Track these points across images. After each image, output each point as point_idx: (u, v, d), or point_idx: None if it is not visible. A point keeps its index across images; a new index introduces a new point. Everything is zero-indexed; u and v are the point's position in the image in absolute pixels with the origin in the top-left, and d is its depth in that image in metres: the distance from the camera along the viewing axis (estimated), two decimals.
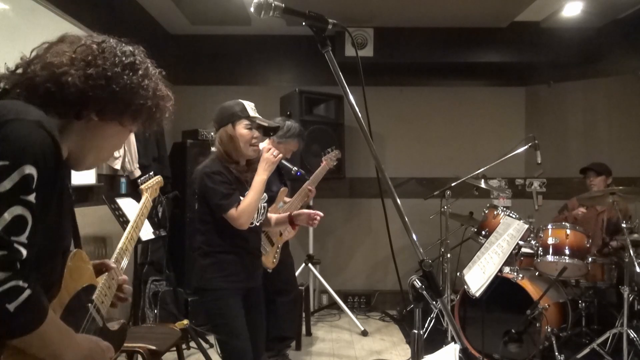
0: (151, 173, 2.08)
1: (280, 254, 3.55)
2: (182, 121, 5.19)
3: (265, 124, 2.46)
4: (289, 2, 1.34)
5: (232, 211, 2.32)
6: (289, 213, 2.73)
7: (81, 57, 1.13)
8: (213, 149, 2.56)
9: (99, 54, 1.15)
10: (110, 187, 4.03)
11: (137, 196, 3.91)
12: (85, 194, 3.64)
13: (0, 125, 0.99)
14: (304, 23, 1.37)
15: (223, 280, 2.36)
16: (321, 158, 4.03)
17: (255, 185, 2.42)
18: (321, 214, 2.70)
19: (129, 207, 3.56)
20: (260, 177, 2.44)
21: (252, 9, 1.34)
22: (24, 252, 0.97)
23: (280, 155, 2.55)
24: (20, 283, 0.96)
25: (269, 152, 2.49)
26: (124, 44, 1.22)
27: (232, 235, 2.38)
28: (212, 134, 2.54)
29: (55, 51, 1.14)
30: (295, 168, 2.92)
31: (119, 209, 3.43)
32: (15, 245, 0.96)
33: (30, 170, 0.97)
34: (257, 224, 2.49)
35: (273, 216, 2.77)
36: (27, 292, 0.97)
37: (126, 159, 3.89)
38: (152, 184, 1.99)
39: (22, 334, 1.00)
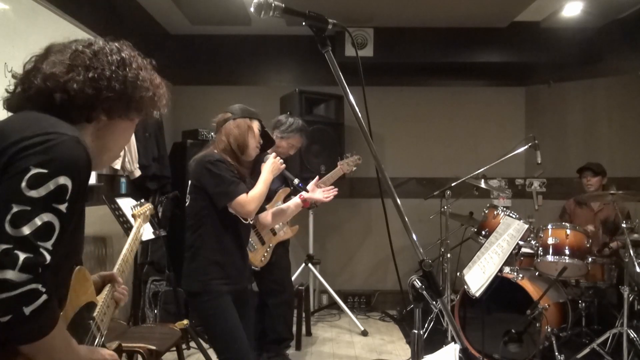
0: (142, 200, 2.08)
1: (274, 255, 3.52)
2: (182, 121, 5.19)
3: (271, 136, 2.59)
4: (289, 2, 1.34)
5: (243, 196, 2.30)
6: (299, 195, 2.72)
7: (78, 63, 1.17)
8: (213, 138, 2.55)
9: (92, 57, 1.19)
10: (110, 187, 4.03)
11: (136, 196, 3.92)
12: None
13: (44, 137, 1.04)
14: (304, 23, 1.37)
15: (220, 283, 2.32)
16: (337, 162, 3.97)
17: (263, 179, 2.46)
18: (336, 190, 2.76)
19: (129, 207, 3.56)
20: (268, 175, 2.49)
21: (252, 9, 1.34)
22: (48, 257, 0.99)
23: (284, 165, 2.62)
24: (40, 287, 0.98)
25: (276, 159, 2.58)
26: (109, 41, 1.26)
27: (227, 233, 2.35)
28: (214, 121, 2.53)
29: (50, 62, 1.17)
30: (297, 180, 2.93)
31: (119, 209, 3.43)
32: (41, 249, 0.98)
33: (65, 181, 1.02)
34: (251, 221, 2.49)
35: (285, 206, 2.74)
36: (44, 297, 0.98)
37: (126, 159, 3.89)
38: (144, 210, 1.99)
39: (33, 339, 1.01)
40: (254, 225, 3.36)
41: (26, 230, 0.97)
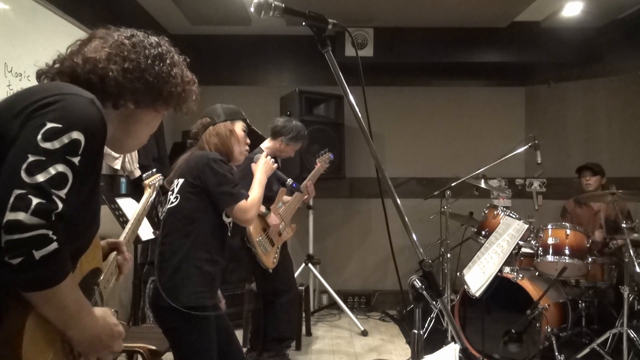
0: (154, 170, 2.04)
1: (280, 255, 3.55)
2: (182, 121, 5.19)
3: (259, 132, 2.48)
4: (289, 2, 1.34)
5: (244, 202, 2.18)
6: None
7: (116, 51, 1.24)
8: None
9: (131, 49, 1.26)
10: (110, 187, 4.03)
11: (137, 196, 3.91)
12: None
13: (60, 96, 1.10)
14: (304, 23, 1.37)
15: (208, 297, 2.13)
16: (316, 160, 4.05)
17: (259, 181, 2.37)
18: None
19: (129, 207, 3.56)
20: (262, 176, 2.41)
21: (252, 9, 1.34)
22: (60, 205, 1.02)
23: (276, 165, 2.55)
24: (51, 233, 1.00)
25: (267, 158, 2.50)
26: (149, 35, 1.33)
27: (216, 241, 2.19)
28: (193, 128, 2.39)
29: (92, 48, 1.25)
30: (290, 180, 2.95)
31: (119, 209, 3.43)
32: (54, 197, 1.02)
33: (79, 136, 1.07)
34: (230, 234, 2.31)
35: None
36: (55, 245, 1.00)
37: (126, 159, 3.89)
38: (155, 180, 1.98)
39: (42, 286, 1.02)
40: (265, 229, 3.39)
41: (40, 177, 1.01)
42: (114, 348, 1.22)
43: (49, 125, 1.05)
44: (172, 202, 2.20)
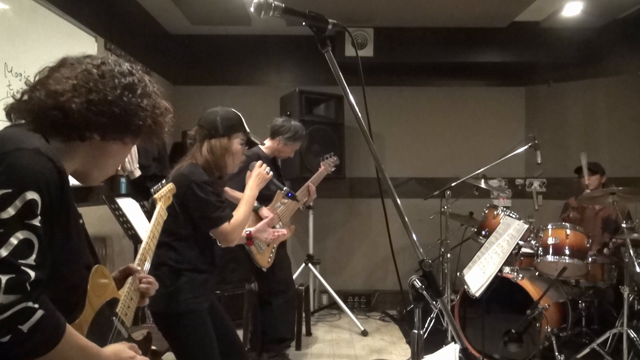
0: (163, 181, 2.00)
1: (277, 255, 3.54)
2: (182, 121, 5.16)
3: (257, 142, 2.42)
4: (289, 2, 1.34)
5: (225, 225, 2.17)
6: (248, 232, 2.51)
7: (82, 83, 1.17)
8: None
9: (98, 79, 1.19)
10: (110, 187, 4.03)
11: (136, 196, 3.92)
12: (85, 194, 3.64)
13: (2, 156, 1.03)
14: (304, 23, 1.37)
15: (198, 301, 2.18)
16: (319, 162, 4.04)
17: (247, 199, 2.31)
18: (284, 232, 2.69)
19: (129, 207, 3.56)
20: (252, 192, 2.35)
21: (252, 9, 1.34)
22: (32, 274, 0.99)
23: (272, 173, 2.50)
24: (30, 304, 0.97)
25: (261, 168, 2.42)
26: (121, 63, 1.26)
27: (205, 252, 2.23)
28: (191, 133, 2.34)
29: (58, 77, 1.18)
30: (286, 189, 2.95)
31: (118, 209, 3.43)
32: (23, 267, 0.98)
33: (32, 195, 1.01)
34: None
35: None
36: (40, 313, 0.98)
37: (126, 159, 3.89)
38: (165, 192, 1.90)
39: (39, 354, 1.01)
40: None
41: (3, 252, 0.96)
42: None
43: None
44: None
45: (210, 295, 2.30)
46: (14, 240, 0.98)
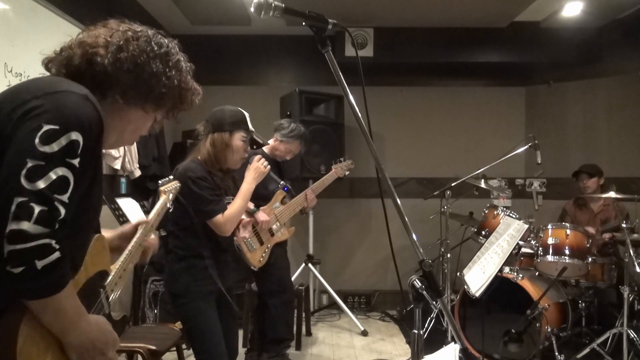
0: (171, 177, 2.04)
1: (273, 255, 3.51)
2: (182, 121, 5.18)
3: (260, 141, 2.54)
4: (289, 2, 1.34)
5: (219, 217, 2.32)
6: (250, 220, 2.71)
7: (115, 41, 1.20)
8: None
9: (132, 41, 1.21)
10: (110, 187, 4.03)
11: (136, 196, 3.92)
12: None
13: (53, 95, 1.07)
14: (304, 23, 1.37)
15: (198, 285, 2.33)
16: (331, 166, 4.01)
17: (243, 193, 2.45)
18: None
19: (129, 207, 3.56)
20: (249, 185, 2.48)
21: (252, 9, 1.34)
22: (63, 211, 1.02)
23: (269, 167, 2.60)
24: (53, 243, 1.00)
25: (259, 162, 2.55)
26: (161, 36, 1.28)
27: (209, 238, 2.36)
28: (199, 127, 2.48)
29: (94, 33, 1.23)
30: (283, 182, 2.96)
31: (119, 209, 3.43)
32: (56, 203, 1.01)
33: (77, 136, 1.04)
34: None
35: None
36: (57, 254, 1.00)
37: (126, 159, 3.89)
38: (171, 188, 1.96)
39: (41, 295, 1.02)
40: (254, 226, 3.38)
41: (41, 184, 0.99)
42: (108, 355, 1.20)
43: (46, 127, 1.02)
44: (170, 209, 2.32)
45: (222, 283, 2.39)
46: (53, 175, 1.00)
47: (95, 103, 1.11)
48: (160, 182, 1.94)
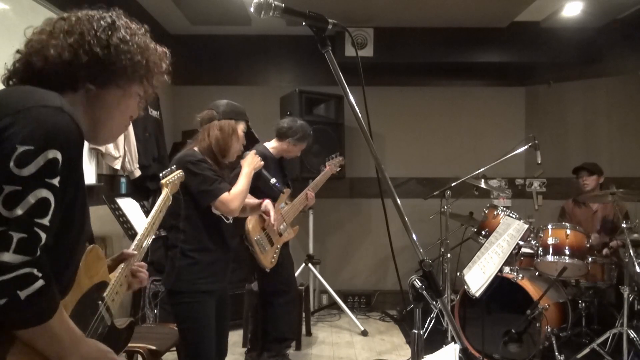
0: (173, 167, 1.99)
1: (280, 255, 3.55)
2: (182, 121, 5.19)
3: (257, 137, 2.57)
4: (289, 2, 1.34)
5: (225, 195, 2.30)
6: (261, 201, 2.70)
7: (59, 29, 1.15)
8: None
9: (75, 22, 1.16)
10: (110, 187, 4.03)
11: (137, 196, 3.92)
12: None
13: (25, 112, 0.99)
14: (304, 23, 1.37)
15: (200, 283, 2.31)
16: (325, 163, 4.04)
17: (245, 174, 2.45)
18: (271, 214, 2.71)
19: (129, 207, 3.56)
20: (249, 168, 2.50)
21: (252, 9, 1.33)
22: (44, 236, 0.97)
23: (262, 163, 2.64)
24: (35, 272, 0.96)
25: (255, 156, 2.59)
26: (101, 11, 1.22)
27: (210, 233, 2.34)
28: (201, 115, 2.47)
29: (36, 31, 1.17)
30: (274, 180, 2.99)
31: (119, 209, 3.43)
32: (36, 228, 0.96)
33: (54, 154, 0.98)
34: (231, 220, 2.45)
35: (249, 201, 2.73)
36: (41, 282, 0.96)
37: (126, 159, 3.89)
38: (173, 178, 1.91)
39: (30, 325, 0.99)
40: (264, 228, 3.40)
41: (19, 210, 0.94)
42: None
43: (20, 148, 0.95)
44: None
45: (222, 280, 2.40)
46: (31, 199, 0.95)
47: (71, 113, 1.04)
48: (161, 174, 1.90)
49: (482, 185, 4.21)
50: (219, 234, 2.38)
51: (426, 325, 4.35)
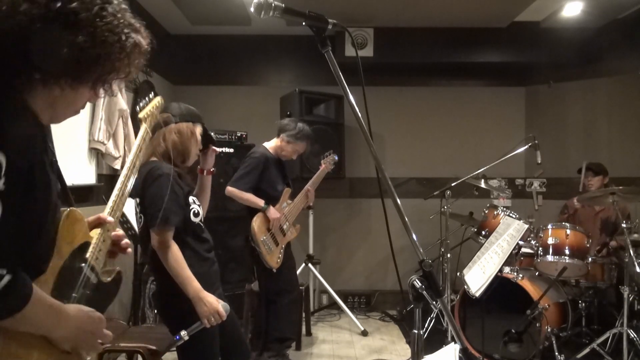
0: (150, 95, 1.71)
1: (284, 255, 3.56)
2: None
3: (213, 137, 2.40)
4: (289, 2, 1.34)
5: (171, 233, 2.09)
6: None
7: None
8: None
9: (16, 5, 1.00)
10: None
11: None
12: (85, 194, 3.64)
13: None
14: (304, 23, 1.37)
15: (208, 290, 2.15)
16: (320, 161, 4.06)
17: (191, 289, 2.12)
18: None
19: (129, 207, 3.55)
20: (197, 299, 2.12)
21: (252, 9, 1.33)
22: None
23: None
24: None
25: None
26: None
27: (193, 244, 2.19)
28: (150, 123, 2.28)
29: None
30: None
31: None
32: None
33: None
34: (202, 221, 2.29)
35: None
36: (7, 278, 0.96)
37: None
38: (151, 109, 1.65)
39: (7, 315, 1.00)
40: (269, 228, 3.41)
41: None
42: (99, 332, 1.19)
43: None
44: (140, 222, 2.25)
45: (217, 287, 2.27)
46: None
47: (13, 106, 0.99)
48: (138, 107, 1.64)
49: (482, 185, 4.21)
50: (203, 242, 2.24)
51: (426, 325, 4.35)
